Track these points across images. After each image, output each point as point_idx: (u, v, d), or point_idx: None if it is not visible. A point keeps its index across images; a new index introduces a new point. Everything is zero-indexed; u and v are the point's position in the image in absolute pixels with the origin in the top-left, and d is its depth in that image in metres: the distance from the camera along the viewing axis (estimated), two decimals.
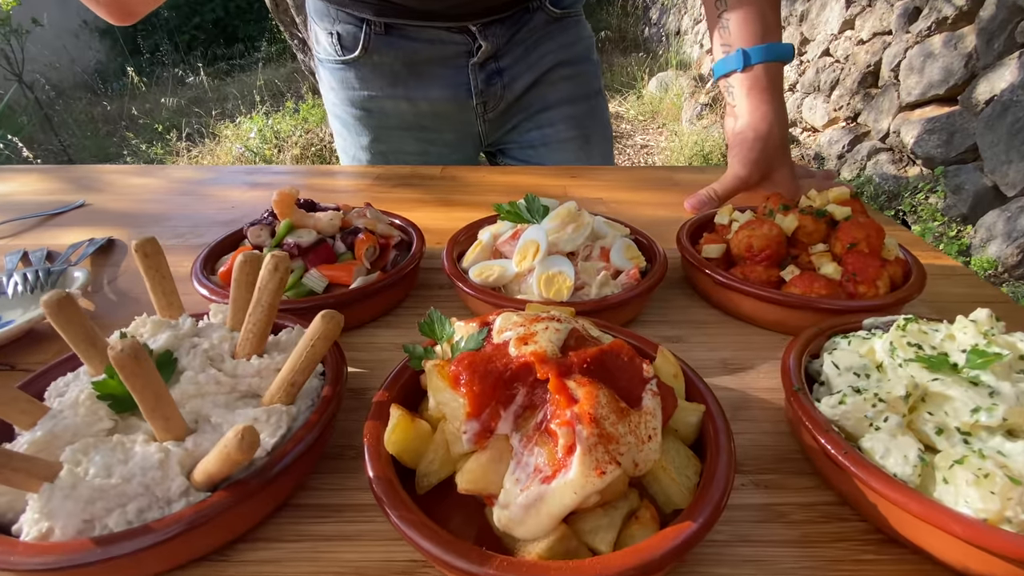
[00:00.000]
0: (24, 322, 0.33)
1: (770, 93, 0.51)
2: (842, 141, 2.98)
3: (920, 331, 0.23)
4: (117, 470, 0.18)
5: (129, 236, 0.49)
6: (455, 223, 0.50)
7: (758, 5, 0.52)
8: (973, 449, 0.18)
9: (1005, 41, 2.19)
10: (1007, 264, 1.91)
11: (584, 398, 0.18)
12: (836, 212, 0.33)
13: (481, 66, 0.68)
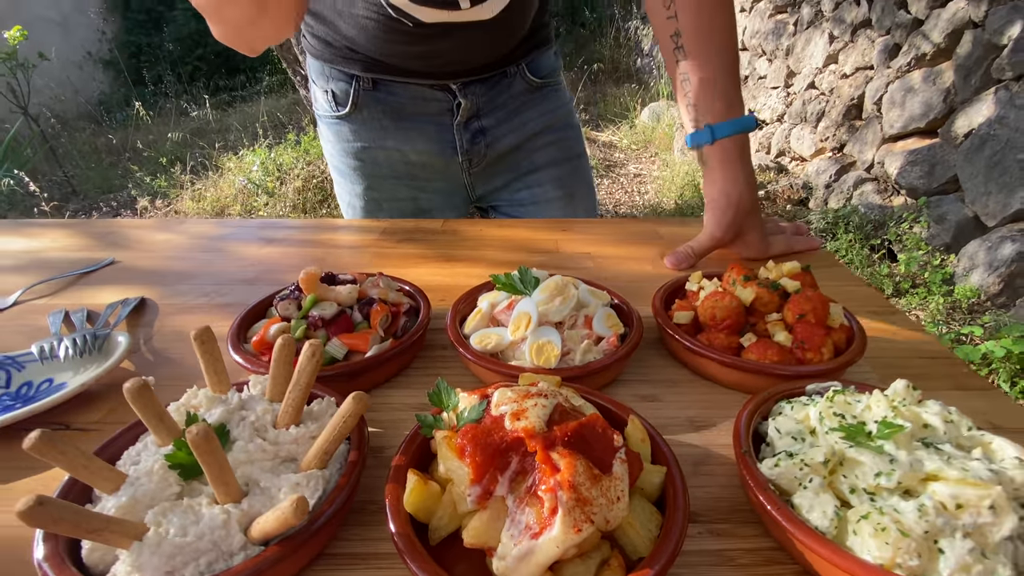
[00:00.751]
0: (78, 385, 0.37)
1: (738, 163, 0.57)
2: (829, 171, 3.06)
3: (845, 402, 0.28)
4: (191, 530, 0.22)
5: (159, 295, 0.54)
6: (457, 279, 0.55)
7: (719, 65, 0.58)
8: (876, 507, 0.23)
9: (981, 77, 2.29)
10: (989, 293, 1.97)
11: (564, 468, 0.23)
12: (788, 285, 0.38)
13: (465, 125, 0.74)
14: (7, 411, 0.36)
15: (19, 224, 0.73)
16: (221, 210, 2.85)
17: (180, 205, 2.88)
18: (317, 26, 0.75)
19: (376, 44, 0.70)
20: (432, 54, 0.70)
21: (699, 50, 0.56)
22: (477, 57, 0.71)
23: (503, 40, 0.71)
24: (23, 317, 0.51)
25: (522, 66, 0.75)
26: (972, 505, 0.22)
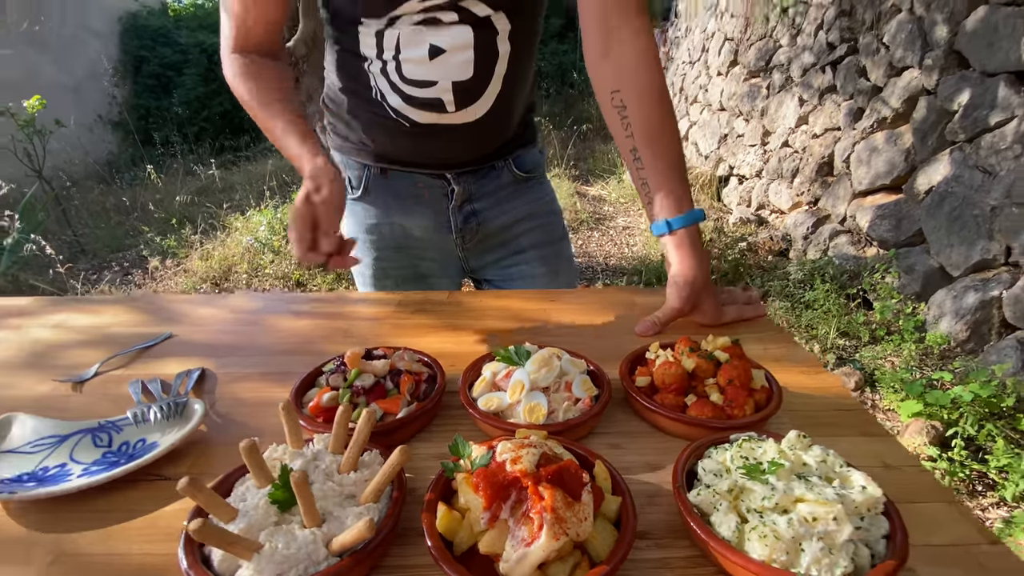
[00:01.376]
0: (169, 444, 0.48)
1: (693, 248, 0.69)
2: (806, 223, 3.23)
3: (750, 448, 0.39)
4: (291, 545, 0.33)
5: (214, 366, 0.65)
6: (463, 346, 0.66)
7: (666, 160, 0.71)
8: (761, 521, 0.34)
9: (936, 139, 2.48)
10: (958, 339, 2.08)
11: (548, 497, 0.34)
12: (720, 356, 0.50)
13: (459, 208, 0.89)
14: (115, 466, 0.46)
15: (82, 301, 0.84)
16: (228, 268, 2.97)
17: (189, 264, 3.01)
18: (338, 126, 0.90)
19: (383, 140, 0.85)
20: (428, 149, 0.84)
21: (653, 161, 0.70)
22: (466, 153, 0.86)
23: (488, 139, 0.86)
24: (104, 387, 0.61)
25: (509, 161, 0.90)
26: (823, 518, 0.33)
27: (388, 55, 0.75)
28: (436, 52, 0.74)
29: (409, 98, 0.78)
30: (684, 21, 6.02)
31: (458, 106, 0.78)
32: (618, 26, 0.70)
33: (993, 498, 1.51)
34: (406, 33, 0.73)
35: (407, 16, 0.71)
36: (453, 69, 0.75)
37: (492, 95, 0.80)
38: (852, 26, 3.16)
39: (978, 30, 2.30)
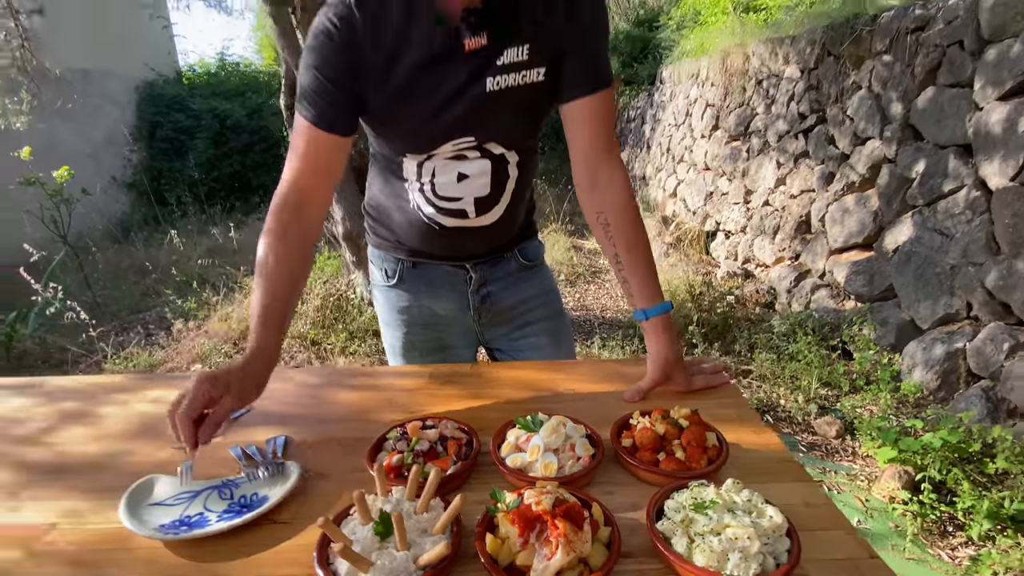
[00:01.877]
0: (278, 497, 0.65)
1: (665, 331, 0.89)
2: (789, 278, 3.43)
3: (698, 491, 0.56)
4: (392, 563, 0.50)
5: (292, 432, 0.82)
6: (488, 412, 0.84)
7: (643, 266, 0.91)
8: (703, 541, 0.51)
9: (900, 202, 2.71)
10: (929, 388, 2.25)
11: (561, 527, 0.51)
12: (683, 423, 0.68)
13: (476, 291, 1.09)
14: (241, 514, 0.63)
15: (171, 378, 1.02)
16: (246, 330, 3.15)
17: (210, 326, 3.19)
18: (378, 228, 1.10)
19: (416, 240, 1.05)
20: (452, 246, 1.05)
21: (631, 265, 0.91)
22: (482, 248, 1.07)
23: (499, 237, 1.07)
24: (211, 452, 0.78)
25: (515, 252, 1.11)
26: (741, 537, 0.50)
27: (425, 179, 0.96)
28: (462, 177, 0.95)
29: (440, 209, 0.98)
30: (669, 86, 6.45)
31: (477, 214, 0.99)
32: (598, 164, 0.92)
33: (962, 538, 1.65)
34: (440, 164, 0.94)
35: (442, 154, 0.93)
36: (475, 188, 0.97)
37: (503, 205, 1.01)
38: (820, 99, 3.48)
39: (928, 108, 2.58)
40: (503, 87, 0.86)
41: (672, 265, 4.25)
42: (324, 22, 0.81)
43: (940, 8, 2.51)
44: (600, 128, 0.92)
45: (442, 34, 0.80)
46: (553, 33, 0.85)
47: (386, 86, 0.84)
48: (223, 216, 7.15)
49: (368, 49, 0.81)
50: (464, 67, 0.83)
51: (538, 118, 0.96)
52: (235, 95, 9.57)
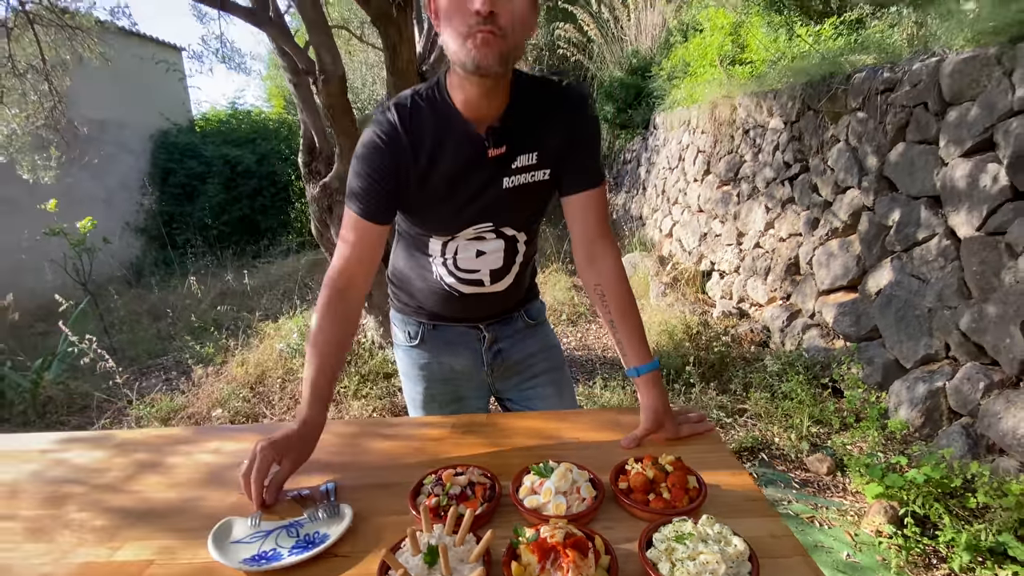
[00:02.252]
0: (337, 536, 0.79)
1: (655, 386, 1.04)
2: (781, 317, 3.57)
3: (679, 526, 0.71)
4: None
5: (338, 478, 0.96)
6: (506, 459, 0.98)
7: (635, 330, 1.07)
8: (683, 565, 0.65)
9: (879, 248, 2.89)
10: (915, 425, 2.38)
11: (571, 556, 0.65)
12: (668, 468, 0.82)
13: (488, 348, 1.24)
14: (308, 549, 0.77)
15: (224, 430, 1.17)
16: (263, 373, 3.29)
17: (228, 371, 3.33)
18: (401, 295, 1.27)
19: (436, 305, 1.21)
20: (469, 309, 1.21)
21: (624, 329, 1.07)
22: (494, 310, 1.23)
23: (509, 300, 1.23)
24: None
25: (522, 312, 1.27)
26: (711, 562, 0.64)
27: (448, 255, 1.13)
28: (480, 253, 1.13)
29: (460, 279, 1.15)
30: (662, 132, 6.75)
31: (492, 282, 1.16)
32: (594, 245, 1.10)
33: (944, 569, 1.76)
34: (462, 244, 1.12)
35: (464, 235, 1.10)
36: (490, 262, 1.14)
37: (513, 274, 1.18)
38: (803, 149, 3.71)
39: (900, 161, 2.79)
40: (517, 185, 1.05)
41: (670, 304, 4.40)
42: (373, 137, 1.00)
43: (906, 72, 2.75)
44: (594, 217, 1.10)
45: (471, 146, 0.99)
46: (556, 144, 1.05)
47: (423, 187, 1.02)
48: (233, 259, 7.36)
49: (410, 159, 0.99)
50: (486, 170, 1.02)
51: (543, 207, 1.14)
52: (246, 142, 9.94)
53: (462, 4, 0.85)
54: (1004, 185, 2.19)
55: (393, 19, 2.46)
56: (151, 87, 9.00)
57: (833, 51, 4.15)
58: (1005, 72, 2.23)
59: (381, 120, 1.00)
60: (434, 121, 0.99)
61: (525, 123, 1.02)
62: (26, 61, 3.85)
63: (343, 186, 3.37)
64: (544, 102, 1.04)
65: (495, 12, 0.83)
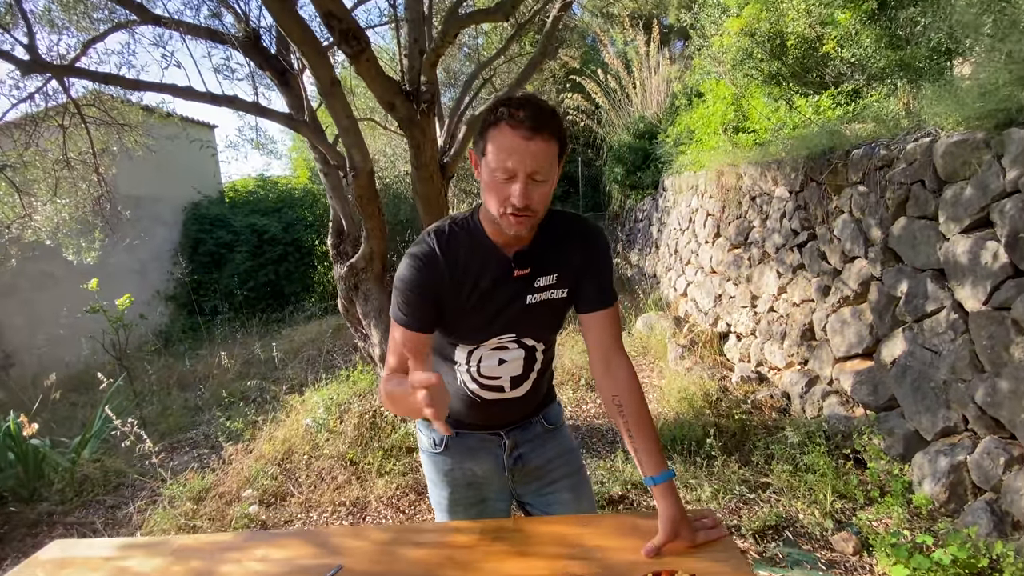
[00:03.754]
0: None
1: (671, 495, 1.12)
2: (800, 383, 3.59)
3: None
4: None
5: None
6: (532, 569, 1.06)
7: (651, 440, 1.15)
8: None
9: (891, 318, 2.94)
10: (939, 500, 2.37)
11: None
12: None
13: (509, 454, 1.32)
14: None
15: (270, 536, 1.26)
16: (289, 450, 3.38)
17: (256, 446, 3.42)
18: None
19: (459, 410, 1.31)
20: (490, 415, 1.31)
21: (641, 439, 1.16)
22: (514, 416, 1.33)
23: (528, 405, 1.33)
24: None
25: (540, 416, 1.37)
26: None
27: (473, 363, 1.25)
28: (502, 362, 1.24)
29: (482, 386, 1.26)
30: (671, 194, 6.95)
31: (511, 388, 1.27)
32: (609, 357, 1.21)
33: None
34: (486, 353, 1.23)
35: (488, 345, 1.22)
36: (511, 369, 1.25)
37: (531, 380, 1.29)
38: (808, 218, 3.83)
39: (902, 235, 2.89)
40: (538, 301, 1.18)
41: (688, 369, 4.44)
42: (413, 260, 1.14)
43: (901, 150, 2.89)
44: (609, 332, 1.22)
45: (500, 267, 1.13)
46: (573, 268, 1.18)
47: (458, 301, 1.16)
48: (259, 326, 7.58)
49: (446, 275, 1.14)
50: (512, 288, 1.16)
51: (560, 322, 1.27)
52: (273, 211, 10.42)
53: (502, 189, 1.01)
54: (1004, 262, 2.27)
55: (418, 122, 2.69)
56: (184, 163, 9.55)
57: (832, 120, 4.35)
58: (995, 155, 2.35)
59: (421, 245, 1.15)
60: (469, 244, 1.14)
61: (548, 249, 1.18)
62: (77, 154, 4.20)
63: (369, 265, 3.55)
64: (564, 232, 1.20)
65: (528, 203, 1.00)
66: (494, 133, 0.98)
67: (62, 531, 2.83)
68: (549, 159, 0.99)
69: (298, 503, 2.90)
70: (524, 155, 0.96)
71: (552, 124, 0.98)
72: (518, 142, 0.96)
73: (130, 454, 3.60)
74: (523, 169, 0.97)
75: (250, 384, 4.63)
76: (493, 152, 0.98)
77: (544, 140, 0.97)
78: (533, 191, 1.00)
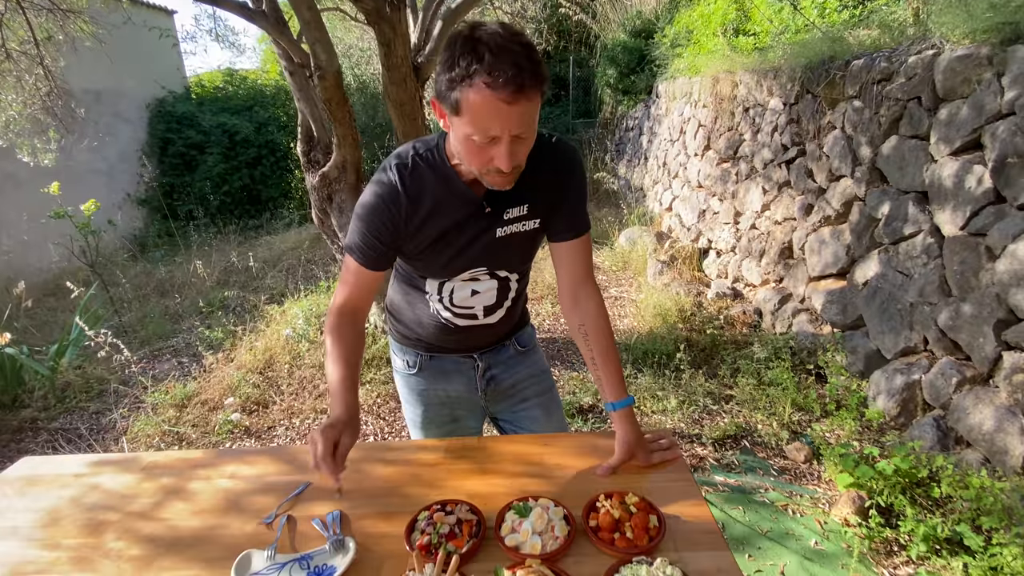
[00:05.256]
0: (344, 567, 0.91)
1: (629, 420, 1.14)
2: (773, 300, 3.67)
3: (637, 568, 0.83)
4: None
5: (346, 507, 1.08)
6: (493, 487, 1.10)
7: (614, 369, 1.16)
8: None
9: (868, 239, 2.95)
10: (890, 415, 2.51)
11: None
12: (632, 508, 0.94)
13: (482, 376, 1.34)
14: None
15: (241, 453, 1.29)
16: (271, 359, 3.42)
17: (237, 356, 3.46)
18: (399, 327, 1.36)
19: (433, 336, 1.31)
20: (463, 340, 1.30)
21: (604, 366, 1.16)
22: (487, 340, 1.33)
23: (501, 330, 1.32)
24: (290, 529, 1.04)
25: (513, 340, 1.37)
26: None
27: (445, 294, 1.22)
28: (475, 292, 1.21)
29: (455, 314, 1.24)
30: (664, 102, 6.66)
31: (485, 316, 1.26)
32: (578, 288, 1.19)
33: (903, 557, 1.91)
34: (458, 285, 1.20)
35: (459, 278, 1.18)
36: (484, 299, 1.23)
37: (505, 307, 1.27)
38: (800, 133, 3.71)
39: (891, 155, 2.82)
40: (509, 233, 1.13)
41: (666, 285, 4.49)
42: (374, 195, 1.07)
43: (902, 63, 2.74)
44: (580, 262, 1.18)
45: (468, 206, 1.07)
46: (545, 196, 1.12)
47: (419, 241, 1.11)
48: (237, 233, 7.42)
49: (408, 216, 1.07)
50: (480, 223, 1.10)
51: (533, 252, 1.22)
52: (243, 109, 9.84)
53: (483, 151, 0.89)
54: (988, 187, 2.24)
55: (387, 16, 2.46)
56: (144, 54, 8.83)
57: (836, 25, 4.09)
58: (996, 74, 2.23)
59: (383, 179, 1.07)
60: (434, 181, 1.05)
61: (518, 180, 1.08)
62: (19, 46, 3.83)
63: (341, 175, 3.40)
64: (535, 159, 1.09)
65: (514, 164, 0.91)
66: (469, 94, 0.83)
67: (47, 436, 2.91)
68: (533, 113, 0.88)
69: (280, 410, 2.99)
70: (508, 118, 0.84)
71: (536, 77, 0.83)
72: (499, 106, 0.82)
73: (110, 362, 3.63)
74: (507, 131, 0.87)
75: (228, 294, 4.60)
76: (469, 116, 0.86)
77: (528, 99, 0.84)
78: (518, 148, 0.91)
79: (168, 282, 5.40)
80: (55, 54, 4.30)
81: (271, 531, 1.04)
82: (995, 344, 2.15)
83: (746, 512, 2.19)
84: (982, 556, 1.76)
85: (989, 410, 2.11)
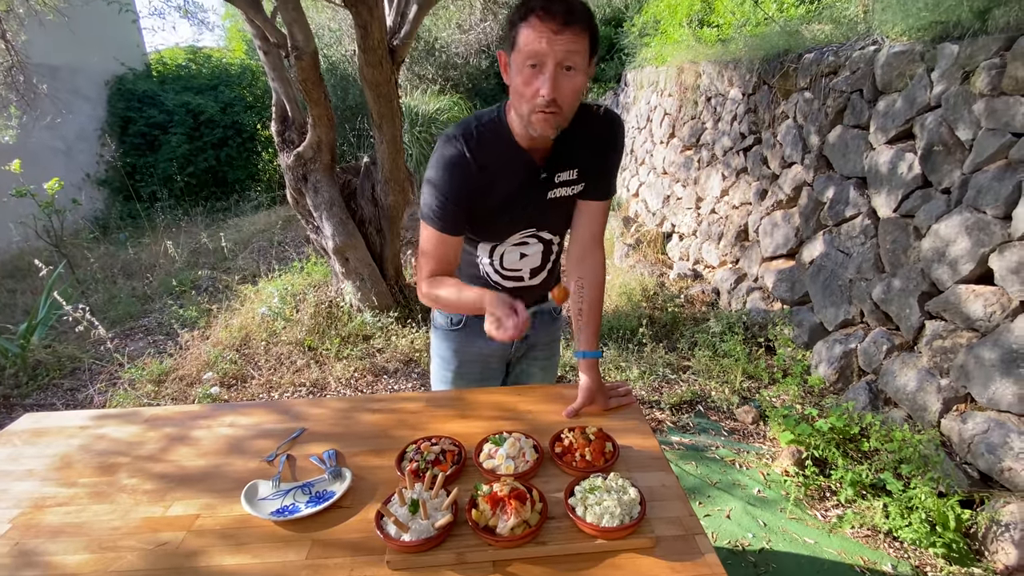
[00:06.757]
0: (341, 493, 1.04)
1: (593, 369, 1.30)
2: (729, 280, 3.89)
3: (593, 480, 0.99)
4: (420, 526, 0.90)
5: (337, 446, 1.21)
6: (471, 428, 1.25)
7: (595, 324, 1.32)
8: (591, 507, 0.93)
9: (815, 222, 3.18)
10: (830, 381, 2.75)
11: (514, 504, 0.92)
12: (591, 437, 1.10)
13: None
14: (319, 504, 1.02)
15: (238, 407, 1.40)
16: (247, 337, 3.48)
17: (213, 333, 3.50)
18: None
19: None
20: None
21: (588, 319, 1.32)
22: (531, 300, 1.42)
23: (542, 291, 1.45)
24: (293, 465, 1.17)
25: (550, 301, 1.49)
26: (611, 505, 0.92)
27: (496, 258, 1.33)
28: (523, 256, 1.34)
29: (504, 276, 1.36)
30: (632, 90, 6.83)
31: (531, 277, 1.38)
32: (587, 247, 1.32)
33: (834, 501, 2.15)
34: (508, 249, 1.31)
35: (510, 241, 1.30)
36: (531, 262, 1.35)
37: (547, 270, 1.40)
38: (757, 122, 3.92)
39: (836, 143, 3.04)
40: (558, 196, 1.25)
41: (631, 266, 4.69)
42: (447, 165, 1.13)
43: (848, 58, 2.96)
44: (598, 223, 1.32)
45: (527, 170, 1.19)
46: (592, 161, 1.23)
47: (486, 202, 1.17)
48: (204, 215, 7.32)
49: (477, 182, 1.14)
50: (537, 185, 1.22)
51: (572, 215, 1.33)
52: (208, 88, 9.58)
53: (531, 83, 0.99)
54: (917, 173, 2.47)
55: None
56: (101, 29, 8.51)
57: (794, 19, 4.31)
58: (927, 69, 2.46)
59: (450, 149, 1.14)
60: (497, 149, 1.15)
61: (571, 146, 1.18)
62: None
63: (316, 155, 3.46)
64: (587, 127, 1.17)
65: (556, 97, 0.98)
66: (523, 27, 0.97)
67: (21, 412, 2.91)
68: (580, 50, 0.98)
69: (259, 384, 3.07)
70: (554, 43, 0.95)
71: (584, 17, 0.97)
72: (548, 33, 0.95)
73: (83, 340, 3.62)
74: (553, 57, 0.96)
75: (200, 274, 4.59)
76: (522, 43, 0.98)
77: (575, 32, 0.96)
78: (562, 82, 0.99)
79: (135, 263, 5.34)
80: (16, 28, 4.19)
81: (273, 467, 1.16)
82: (919, 314, 2.40)
83: (698, 467, 2.40)
84: (900, 497, 2.00)
85: (912, 373, 2.36)
